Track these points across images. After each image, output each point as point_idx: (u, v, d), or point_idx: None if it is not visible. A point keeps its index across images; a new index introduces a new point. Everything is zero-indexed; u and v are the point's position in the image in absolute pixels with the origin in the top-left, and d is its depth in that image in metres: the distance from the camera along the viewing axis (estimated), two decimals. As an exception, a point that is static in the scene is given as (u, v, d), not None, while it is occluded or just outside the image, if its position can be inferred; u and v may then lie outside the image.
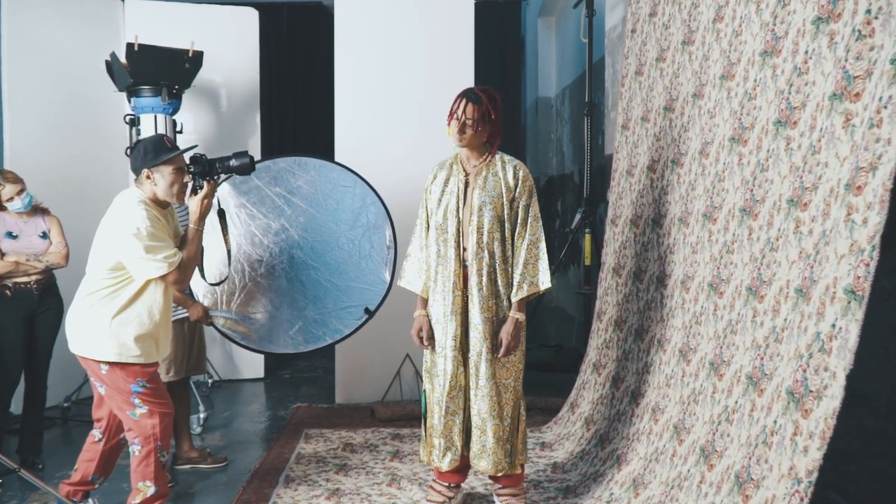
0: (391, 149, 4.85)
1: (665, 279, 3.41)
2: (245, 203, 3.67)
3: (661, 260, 3.49)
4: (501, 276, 3.02)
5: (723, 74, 3.02)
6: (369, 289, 3.65)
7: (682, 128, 3.42)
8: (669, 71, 3.63)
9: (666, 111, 3.62)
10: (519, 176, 3.05)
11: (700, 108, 3.23)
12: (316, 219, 3.69)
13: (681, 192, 3.35)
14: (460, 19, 4.99)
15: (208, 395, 5.16)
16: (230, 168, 3.01)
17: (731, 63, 2.96)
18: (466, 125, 2.95)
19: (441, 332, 3.05)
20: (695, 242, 3.09)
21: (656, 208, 3.62)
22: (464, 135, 2.97)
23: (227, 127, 5.52)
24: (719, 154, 2.97)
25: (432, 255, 3.08)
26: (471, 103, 2.95)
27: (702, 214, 3.05)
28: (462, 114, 2.96)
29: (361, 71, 4.93)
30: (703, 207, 3.06)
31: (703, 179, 3.09)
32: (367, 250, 3.68)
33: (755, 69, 2.75)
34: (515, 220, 3.04)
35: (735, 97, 2.89)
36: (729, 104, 2.93)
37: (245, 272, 3.62)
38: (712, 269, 2.89)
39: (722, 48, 3.05)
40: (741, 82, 2.85)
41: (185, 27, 5.11)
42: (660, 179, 3.62)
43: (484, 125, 2.96)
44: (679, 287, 3.20)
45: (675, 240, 3.35)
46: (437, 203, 3.09)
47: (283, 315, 3.61)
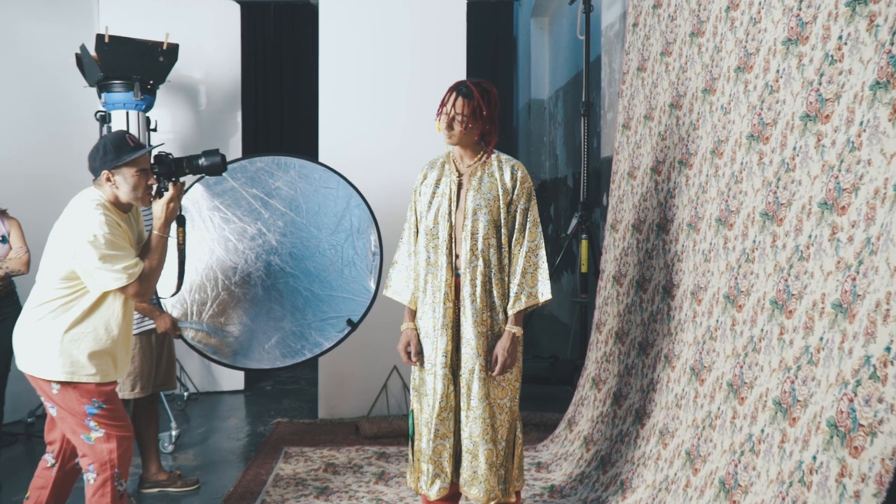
0: (377, 148, 4.55)
1: (672, 289, 3.12)
2: (219, 206, 3.37)
3: (667, 268, 3.20)
4: (497, 286, 2.73)
5: (739, 66, 2.74)
6: (353, 298, 3.35)
7: (690, 126, 3.14)
8: (676, 65, 3.36)
9: (672, 108, 3.34)
10: (517, 177, 2.76)
11: (712, 104, 2.95)
12: (295, 223, 3.39)
13: (690, 195, 3.06)
14: (452, 19, 4.71)
15: (184, 409, 4.84)
16: (199, 168, 2.71)
17: (748, 54, 2.68)
18: (455, 121, 2.67)
19: (430, 348, 2.76)
20: (707, 250, 2.81)
21: (662, 213, 3.34)
22: (452, 131, 2.68)
23: (207, 126, 5.21)
24: (735, 153, 2.69)
25: (421, 262, 2.78)
26: (460, 97, 2.66)
27: (715, 219, 2.77)
28: (451, 108, 2.67)
29: (347, 69, 4.64)
30: (716, 212, 2.77)
31: (717, 181, 2.81)
32: (351, 257, 3.38)
33: (777, 59, 2.47)
34: (513, 226, 2.76)
35: (754, 90, 2.61)
36: (747, 98, 2.65)
37: (218, 280, 3.31)
38: (729, 279, 2.61)
39: (737, 38, 2.77)
40: (760, 74, 2.57)
41: (163, 20, 4.79)
42: (665, 182, 3.34)
43: (474, 121, 2.67)
44: (689, 298, 2.92)
45: (683, 247, 3.07)
46: (427, 206, 2.79)
47: (259, 327, 3.30)
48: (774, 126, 2.45)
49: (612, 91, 5.52)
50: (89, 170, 2.61)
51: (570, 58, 7.46)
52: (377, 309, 3.48)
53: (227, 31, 5.19)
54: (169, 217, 2.64)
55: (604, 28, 5.71)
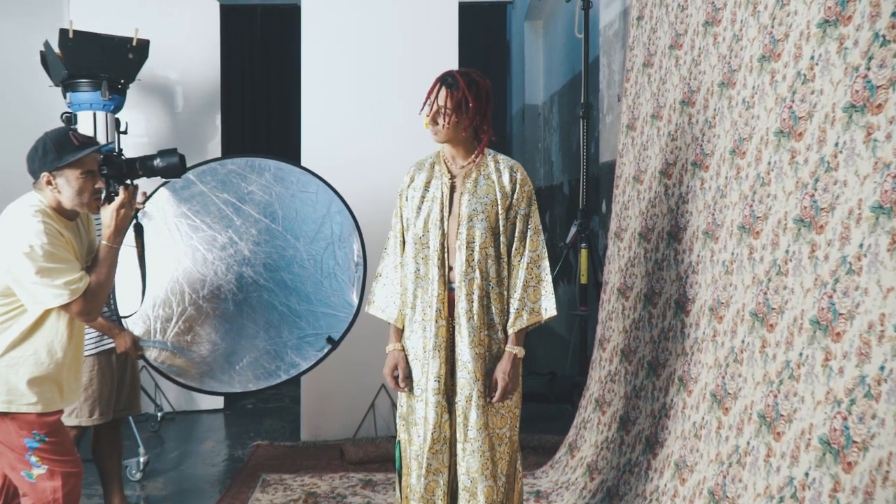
0: (363, 152, 4.22)
1: (686, 304, 2.80)
2: (186, 212, 3.03)
3: (680, 281, 2.88)
4: (496, 301, 2.40)
5: (763, 55, 2.42)
6: (333, 314, 3.01)
7: (705, 124, 2.83)
8: (687, 58, 3.04)
9: (684, 106, 3.03)
10: (516, 179, 2.44)
11: (731, 99, 2.64)
12: (271, 231, 3.05)
13: (706, 200, 2.75)
14: (443, 21, 4.40)
15: (157, 430, 4.48)
16: (154, 169, 2.38)
17: (774, 40, 2.36)
18: (439, 114, 2.35)
19: (420, 372, 2.42)
20: (728, 261, 2.49)
21: (673, 220, 3.02)
22: (437, 126, 2.37)
23: (184, 128, 4.87)
24: (761, 152, 2.37)
25: (409, 275, 2.45)
26: (444, 88, 2.35)
27: (738, 227, 2.45)
28: (435, 100, 2.36)
29: (331, 71, 4.30)
30: (739, 218, 2.45)
31: (739, 184, 2.49)
32: (331, 268, 3.04)
33: (811, 44, 2.15)
34: (512, 234, 2.43)
35: (782, 81, 2.29)
36: (774, 90, 2.34)
37: (185, 295, 2.97)
38: (755, 294, 2.28)
39: (761, 23, 2.46)
40: (790, 62, 2.26)
41: (135, 16, 4.43)
42: (677, 186, 3.02)
43: (460, 115, 2.35)
44: (707, 315, 2.59)
45: (699, 257, 2.74)
46: (415, 211, 2.47)
47: (230, 346, 2.96)
48: (808, 120, 2.13)
49: (612, 93, 5.21)
50: (28, 171, 2.27)
51: (566, 61, 7.16)
52: (363, 322, 3.14)
53: (206, 29, 4.86)
54: (120, 225, 2.30)
55: (602, 27, 5.41)
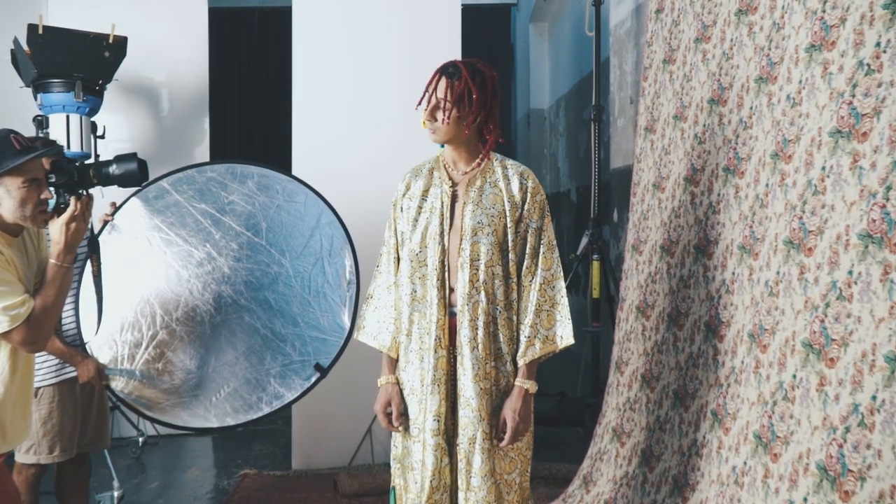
0: (358, 159, 3.89)
1: (719, 328, 2.46)
2: (160, 224, 2.70)
3: (711, 301, 2.54)
4: (504, 328, 2.06)
5: (812, 44, 2.08)
6: (322, 338, 2.68)
7: (739, 124, 2.49)
8: (717, 52, 2.71)
9: (713, 105, 2.69)
10: (527, 187, 2.10)
11: (771, 96, 2.30)
12: (253, 245, 2.72)
13: (742, 210, 2.41)
14: (446, 24, 4.07)
15: (138, 457, 4.14)
16: (109, 177, 2.06)
17: (826, 27, 2.03)
18: (438, 109, 2.02)
19: (417, 409, 2.09)
20: (773, 281, 2.14)
21: (701, 232, 2.68)
22: (435, 123, 2.03)
23: (169, 133, 4.55)
24: (812, 156, 2.03)
25: (405, 297, 2.12)
26: (444, 78, 2.02)
27: (784, 241, 2.11)
28: (433, 92, 2.03)
29: (325, 75, 3.97)
30: (785, 232, 2.11)
31: (784, 192, 2.15)
32: (320, 286, 2.71)
33: (875, 29, 1.82)
34: (522, 250, 2.09)
35: (839, 74, 1.95)
36: (827, 85, 2.00)
37: (156, 317, 2.64)
38: (809, 321, 1.94)
39: (808, 9, 2.12)
40: (849, 51, 1.92)
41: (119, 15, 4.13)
42: (706, 194, 2.68)
43: (462, 109, 2.02)
44: (747, 342, 2.25)
45: (734, 275, 2.40)
46: (411, 224, 2.13)
47: (206, 375, 2.62)
48: (875, 118, 1.80)
49: (623, 95, 4.88)
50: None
51: (573, 64, 6.84)
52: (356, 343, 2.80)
53: (194, 29, 4.54)
54: (70, 241, 1.97)
55: (613, 26, 5.08)
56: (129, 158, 2.07)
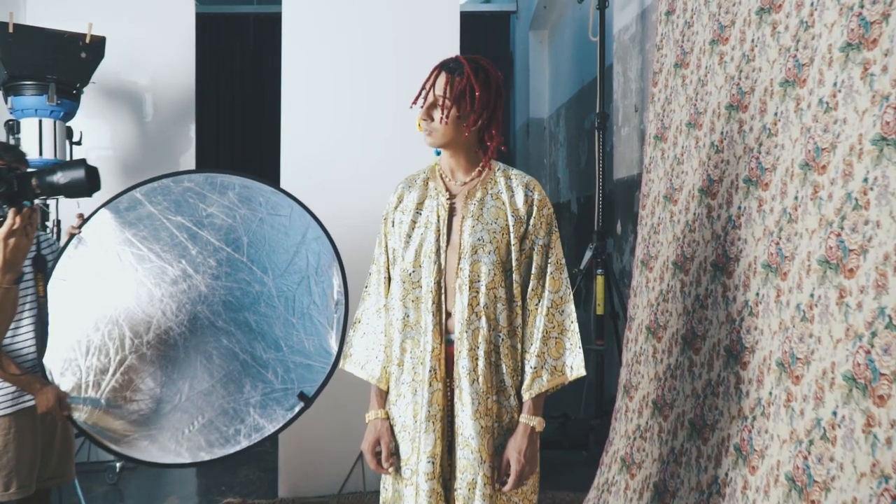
0: (351, 170, 3.66)
1: (742, 354, 2.23)
2: (131, 238, 2.47)
3: (731, 324, 2.32)
4: (507, 358, 1.84)
5: (848, 42, 1.87)
6: (307, 363, 2.45)
7: (763, 132, 2.27)
8: (735, 54, 2.49)
9: (732, 110, 2.48)
10: (533, 200, 1.88)
11: (800, 101, 2.08)
12: (233, 261, 2.49)
13: (767, 225, 2.18)
14: (444, 31, 3.85)
15: (115, 483, 3.89)
16: (53, 187, 1.83)
17: (866, 24, 1.81)
18: (436, 107, 1.80)
19: (410, 448, 1.86)
20: (806, 305, 1.92)
21: (720, 248, 2.46)
22: (432, 123, 1.81)
23: (153, 140, 4.32)
24: (852, 166, 1.81)
25: (396, 322, 1.89)
26: (444, 73, 1.80)
27: (819, 261, 1.88)
28: (431, 89, 1.81)
29: (314, 82, 3.75)
30: (820, 250, 1.89)
31: (818, 207, 1.93)
32: (306, 306, 2.48)
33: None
34: (528, 270, 1.87)
35: (882, 75, 1.73)
36: (868, 87, 1.78)
37: (125, 340, 2.40)
38: (851, 352, 1.72)
39: (843, 4, 1.91)
40: (894, 50, 1.70)
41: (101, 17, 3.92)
42: (724, 207, 2.46)
43: (462, 108, 1.80)
44: (776, 372, 2.02)
45: (759, 296, 2.18)
46: (403, 240, 1.91)
47: (179, 404, 2.39)
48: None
49: (627, 103, 4.68)
50: None
51: (573, 72, 6.64)
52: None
53: (180, 31, 4.32)
54: (9, 259, 1.75)
55: (616, 32, 4.88)
56: (75, 165, 1.83)
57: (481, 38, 7.46)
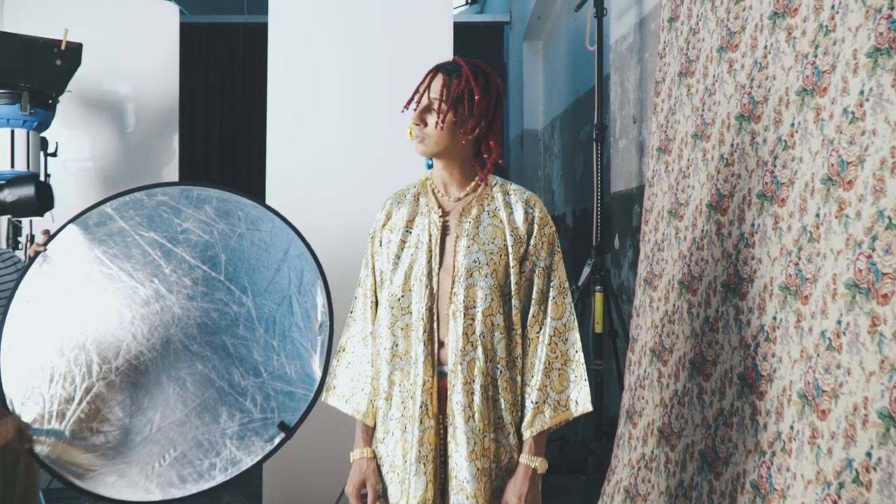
0: (340, 184, 3.47)
1: (758, 383, 2.05)
2: (101, 256, 2.28)
3: (745, 350, 2.14)
4: (506, 392, 1.65)
5: (877, 47, 1.70)
6: (289, 390, 2.26)
7: (778, 144, 2.10)
8: (746, 62, 2.33)
9: (743, 121, 2.31)
10: (534, 217, 1.71)
11: (820, 111, 1.92)
12: (210, 280, 2.30)
13: (784, 244, 2.01)
14: (437, 42, 3.69)
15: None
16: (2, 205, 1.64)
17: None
18: (431, 111, 1.63)
19: (399, 491, 1.67)
20: (833, 333, 1.74)
21: (731, 267, 2.28)
22: (425, 129, 1.64)
23: (135, 151, 4.13)
24: (883, 181, 1.64)
25: (384, 352, 1.70)
26: (440, 74, 1.63)
27: (846, 284, 1.71)
28: (425, 91, 1.63)
29: (302, 93, 3.58)
30: (848, 273, 1.71)
31: (844, 225, 1.76)
32: (287, 328, 2.29)
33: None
34: (528, 294, 1.69)
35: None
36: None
37: (92, 366, 2.21)
38: (887, 386, 1.54)
39: (870, 6, 1.74)
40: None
41: (83, 24, 3.76)
42: (735, 223, 2.29)
43: (459, 114, 1.63)
44: (798, 404, 1.84)
45: (777, 321, 2.00)
46: (392, 262, 1.73)
47: (150, 436, 2.19)
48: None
49: (625, 114, 4.52)
50: None
51: (568, 83, 6.49)
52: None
53: (164, 39, 4.14)
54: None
55: (613, 42, 4.72)
56: (25, 182, 1.67)
57: (475, 49, 7.30)
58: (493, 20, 7.80)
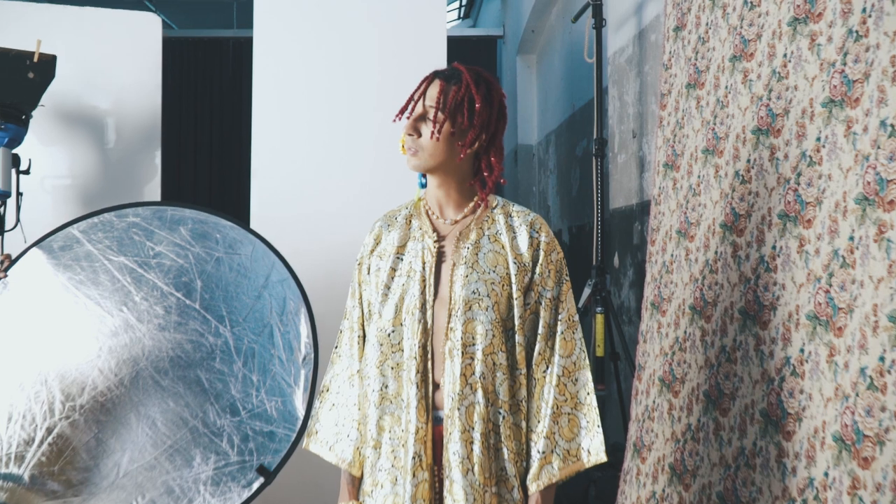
0: (328, 204, 3.28)
1: (784, 422, 1.86)
2: (66, 283, 2.08)
3: (769, 384, 1.94)
4: (509, 440, 1.45)
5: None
6: (268, 430, 2.05)
7: (801, 160, 1.92)
8: (763, 72, 2.15)
9: (760, 135, 2.13)
10: (539, 241, 1.51)
11: (850, 123, 1.73)
12: (184, 308, 2.10)
13: (812, 269, 1.82)
14: (430, 56, 3.51)
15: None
16: None
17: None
18: (426, 119, 1.44)
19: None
20: (875, 370, 1.55)
21: (750, 293, 2.09)
22: (419, 140, 1.45)
23: (116, 168, 3.93)
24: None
25: (372, 394, 1.50)
26: (438, 80, 1.44)
27: (890, 316, 1.52)
28: (420, 98, 1.44)
29: (288, 110, 3.41)
30: (890, 304, 1.52)
31: (883, 250, 1.57)
32: (267, 361, 2.08)
33: None
34: (534, 329, 1.49)
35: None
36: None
37: (54, 403, 2.00)
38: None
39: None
40: None
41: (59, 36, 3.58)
42: (754, 245, 2.10)
43: (458, 123, 1.44)
44: (834, 450, 1.65)
45: (805, 354, 1.81)
46: (381, 292, 1.53)
47: (116, 480, 1.97)
48: None
49: (624, 129, 4.34)
50: None
51: (563, 97, 6.33)
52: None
53: (145, 51, 3.94)
54: None
55: (611, 54, 4.56)
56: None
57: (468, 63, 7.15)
58: (486, 34, 7.66)
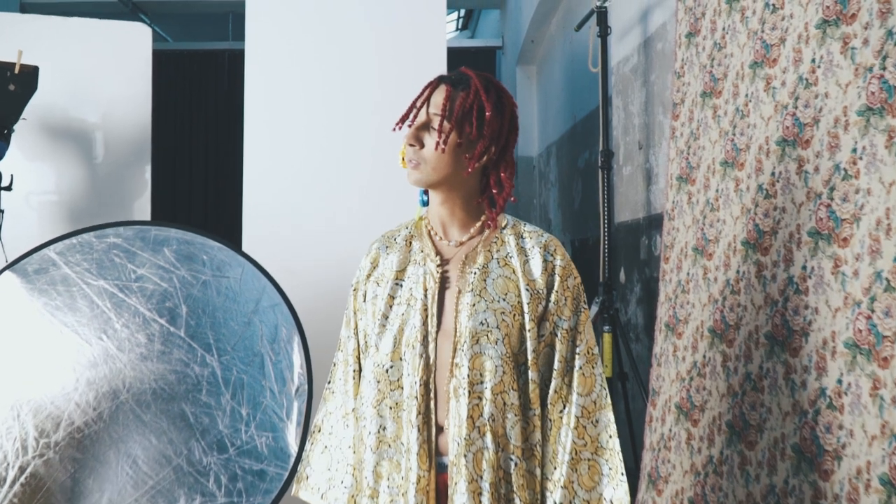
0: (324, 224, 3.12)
1: (821, 459, 1.69)
2: (42, 308, 1.92)
3: (802, 417, 1.78)
4: (522, 489, 1.29)
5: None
6: (259, 469, 1.88)
7: (835, 173, 1.76)
8: (788, 78, 2.00)
9: (786, 146, 1.97)
10: (554, 266, 1.35)
11: (892, 133, 1.58)
12: (168, 336, 1.94)
13: (849, 292, 1.66)
14: (430, 68, 3.36)
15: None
16: None
17: None
18: (430, 129, 1.28)
19: None
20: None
21: (777, 317, 1.93)
22: (421, 151, 1.29)
23: (104, 184, 3.78)
24: None
25: (368, 437, 1.34)
26: (444, 86, 1.29)
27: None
28: (423, 105, 1.29)
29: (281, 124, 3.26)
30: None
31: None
32: (258, 393, 1.92)
33: None
34: (549, 364, 1.33)
35: None
36: None
37: (28, 440, 1.83)
38: None
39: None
40: None
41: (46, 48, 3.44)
42: (781, 265, 1.94)
43: (464, 134, 1.29)
44: (882, 493, 1.48)
45: (843, 385, 1.65)
46: (379, 322, 1.37)
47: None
48: None
49: (629, 140, 4.20)
50: None
51: (564, 108, 6.19)
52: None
53: (135, 63, 3.80)
54: None
55: (615, 64, 4.42)
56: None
57: (468, 75, 7.03)
58: (484, 45, 7.55)
